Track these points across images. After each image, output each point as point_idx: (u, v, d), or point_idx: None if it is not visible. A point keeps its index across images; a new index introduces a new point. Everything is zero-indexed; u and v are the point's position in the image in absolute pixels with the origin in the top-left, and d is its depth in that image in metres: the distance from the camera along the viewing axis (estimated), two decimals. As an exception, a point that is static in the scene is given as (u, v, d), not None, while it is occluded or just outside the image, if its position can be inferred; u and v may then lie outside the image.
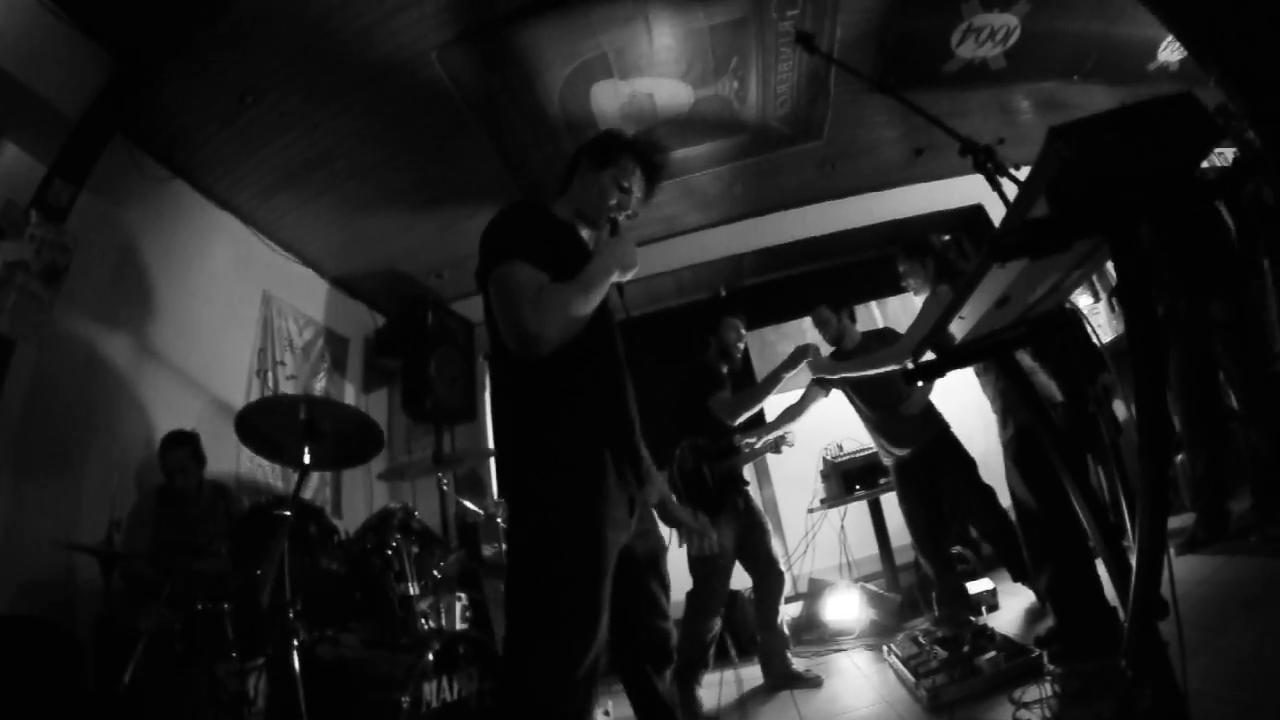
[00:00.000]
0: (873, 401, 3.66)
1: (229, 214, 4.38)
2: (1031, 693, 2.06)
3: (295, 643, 2.14)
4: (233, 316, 4.41)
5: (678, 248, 5.55)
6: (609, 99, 3.99)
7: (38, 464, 3.11)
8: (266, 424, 2.40)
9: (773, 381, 3.40)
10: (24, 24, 3.01)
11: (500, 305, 1.59)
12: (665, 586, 2.03)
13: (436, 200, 4.56)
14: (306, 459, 2.34)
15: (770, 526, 3.57)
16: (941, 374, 1.54)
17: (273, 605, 2.21)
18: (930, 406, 3.62)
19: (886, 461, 3.78)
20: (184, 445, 3.38)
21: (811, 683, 3.22)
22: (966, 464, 3.54)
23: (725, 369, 3.61)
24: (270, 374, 4.54)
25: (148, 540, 3.20)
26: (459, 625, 3.39)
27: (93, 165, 3.40)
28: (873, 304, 4.96)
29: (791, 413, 3.81)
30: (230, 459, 3.98)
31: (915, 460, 3.58)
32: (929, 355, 1.79)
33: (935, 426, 3.61)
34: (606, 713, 3.37)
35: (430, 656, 2.23)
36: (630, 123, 4.10)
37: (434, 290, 5.49)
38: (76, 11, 3.15)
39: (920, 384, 3.49)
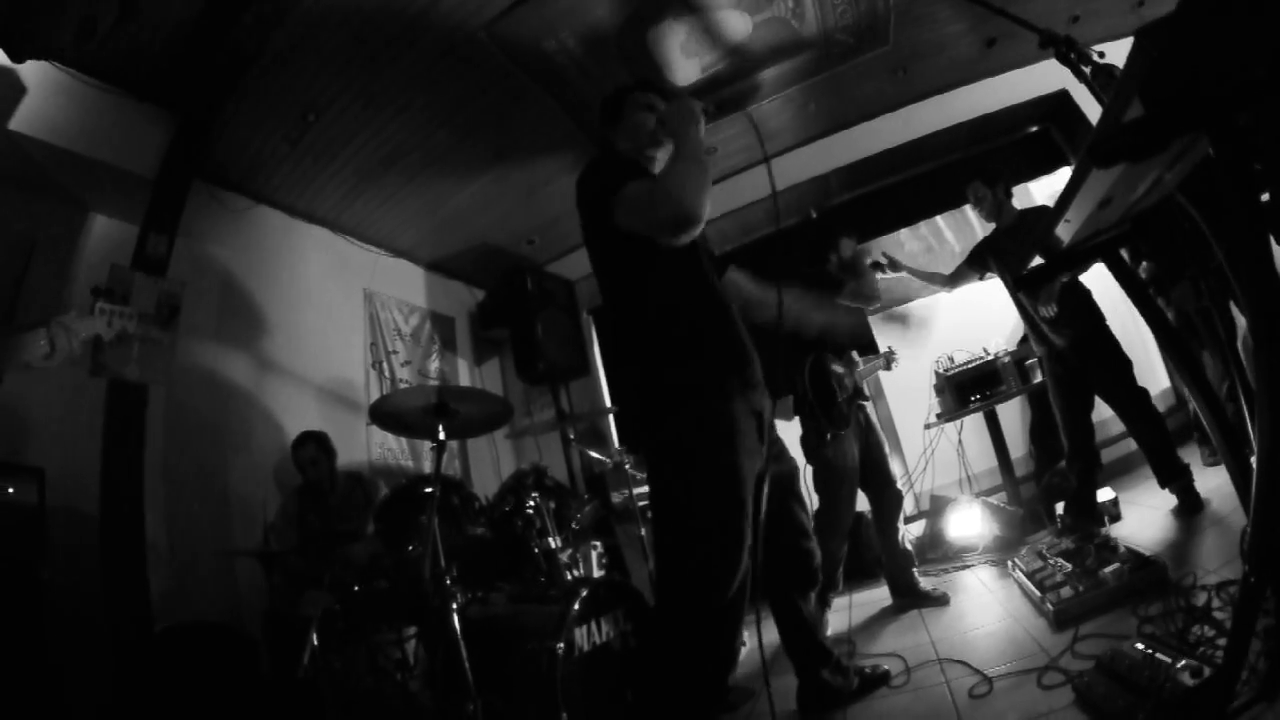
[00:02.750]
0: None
1: (316, 225, 4.62)
2: (1156, 606, 2.00)
3: (454, 606, 2.26)
4: (339, 319, 4.66)
5: (762, 176, 5.34)
6: (667, 39, 3.90)
7: (187, 487, 3.43)
8: (401, 410, 2.52)
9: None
10: (81, 107, 3.24)
11: (641, 215, 1.71)
12: (804, 507, 2.14)
13: (515, 169, 4.59)
14: (441, 435, 2.47)
15: (887, 444, 3.56)
16: (1051, 279, 1.52)
17: (430, 575, 2.35)
18: (1089, 299, 3.45)
19: (1039, 351, 3.66)
20: (310, 442, 3.62)
21: (938, 601, 3.21)
22: (1121, 363, 3.36)
23: (843, 282, 3.55)
24: (385, 364, 4.80)
25: (295, 536, 3.45)
26: (596, 572, 3.58)
27: (179, 214, 3.63)
28: (967, 208, 4.72)
29: (926, 276, 3.79)
30: (361, 449, 4.28)
31: (1070, 352, 3.43)
32: (1038, 261, 1.77)
33: (1092, 320, 3.43)
34: (743, 643, 3.44)
35: (577, 605, 2.31)
36: (692, 58, 4.03)
37: (528, 257, 5.60)
38: (127, 83, 3.37)
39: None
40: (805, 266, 3.63)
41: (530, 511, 2.89)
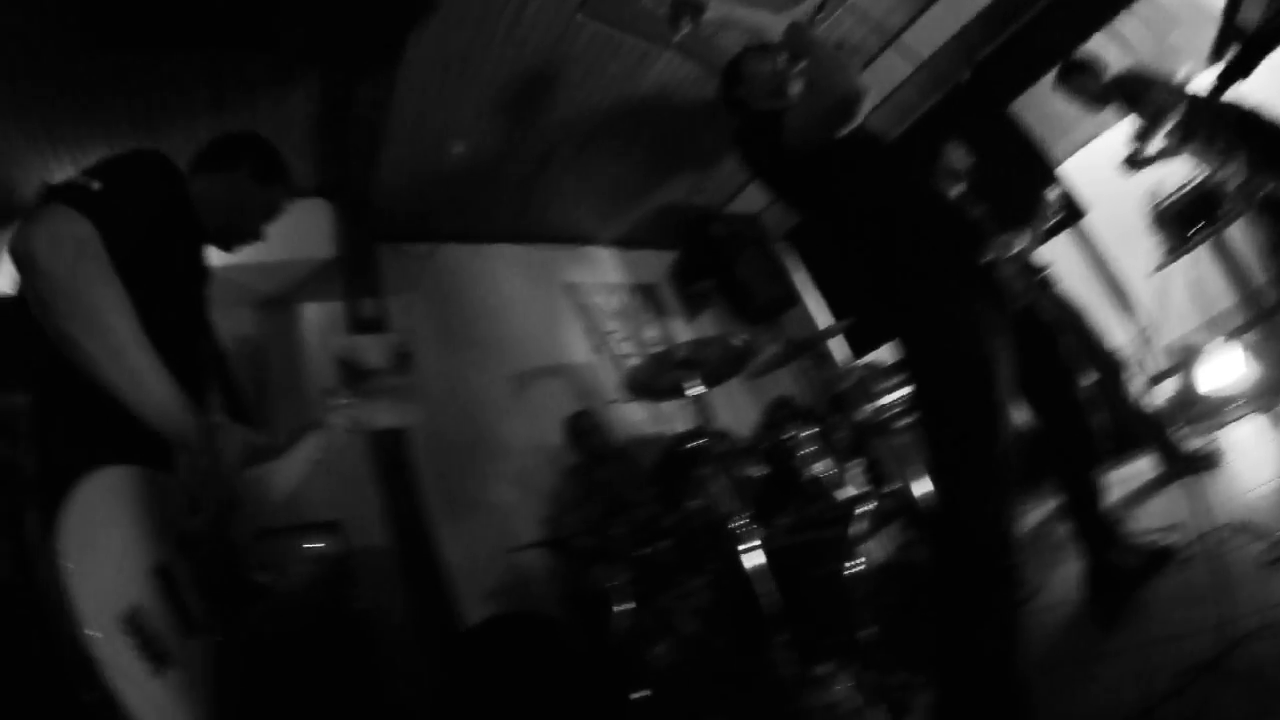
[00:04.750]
0: None
1: (498, 244, 5.00)
2: None
3: (748, 547, 2.35)
4: (551, 317, 5.04)
5: (895, 60, 4.90)
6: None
7: (463, 501, 3.91)
8: (649, 379, 2.74)
9: None
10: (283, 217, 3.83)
11: (810, 116, 1.77)
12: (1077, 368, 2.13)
13: (662, 127, 4.63)
14: (693, 390, 2.61)
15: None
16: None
17: (720, 521, 2.48)
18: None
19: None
20: (582, 416, 4.09)
21: (1206, 463, 2.93)
22: None
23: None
24: (606, 345, 5.12)
25: (576, 518, 3.78)
26: (863, 489, 3.77)
27: (377, 278, 4.13)
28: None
29: None
30: (613, 432, 4.55)
31: None
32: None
33: None
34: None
35: (857, 523, 2.36)
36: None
37: (702, 206, 5.64)
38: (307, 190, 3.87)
39: None
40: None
41: (793, 443, 2.97)
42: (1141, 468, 3.36)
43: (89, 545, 0.85)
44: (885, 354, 4.27)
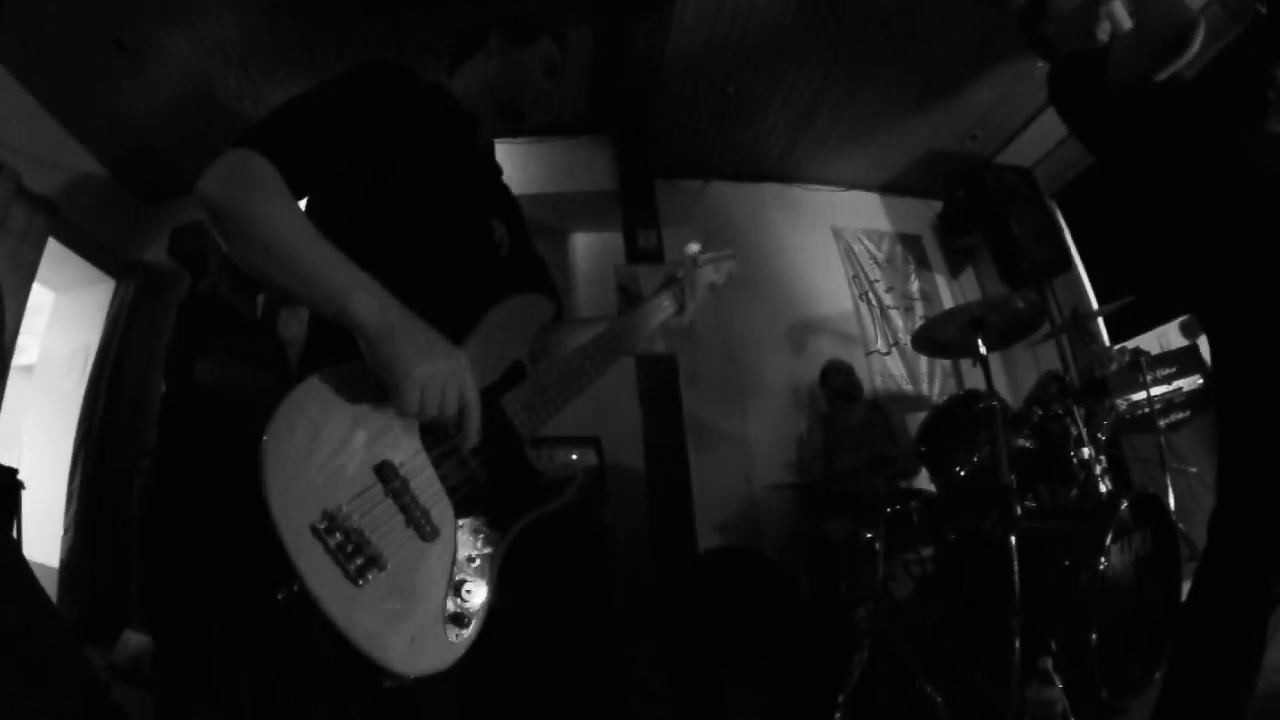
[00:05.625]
0: None
1: (767, 184, 5.04)
2: None
3: (1010, 522, 2.19)
4: (817, 261, 5.04)
5: None
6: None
7: (711, 435, 4.12)
8: (940, 334, 2.68)
9: None
10: (538, 160, 4.18)
11: (1139, 46, 1.63)
12: None
13: (933, 69, 4.39)
14: (982, 349, 2.49)
15: None
16: None
17: (994, 488, 2.32)
18: None
19: None
20: (833, 369, 4.08)
21: None
22: None
23: None
24: (870, 294, 5.06)
25: (822, 467, 3.86)
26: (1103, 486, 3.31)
27: (654, 210, 4.37)
28: None
29: None
30: (865, 379, 4.44)
31: None
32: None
33: None
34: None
35: (1114, 521, 2.17)
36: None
37: (974, 154, 5.24)
38: (563, 129, 4.18)
39: None
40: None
41: (1065, 420, 2.79)
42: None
43: (287, 448, 0.86)
44: (1152, 340, 4.00)
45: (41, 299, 4.25)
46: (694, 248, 1.60)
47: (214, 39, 3.53)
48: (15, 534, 2.37)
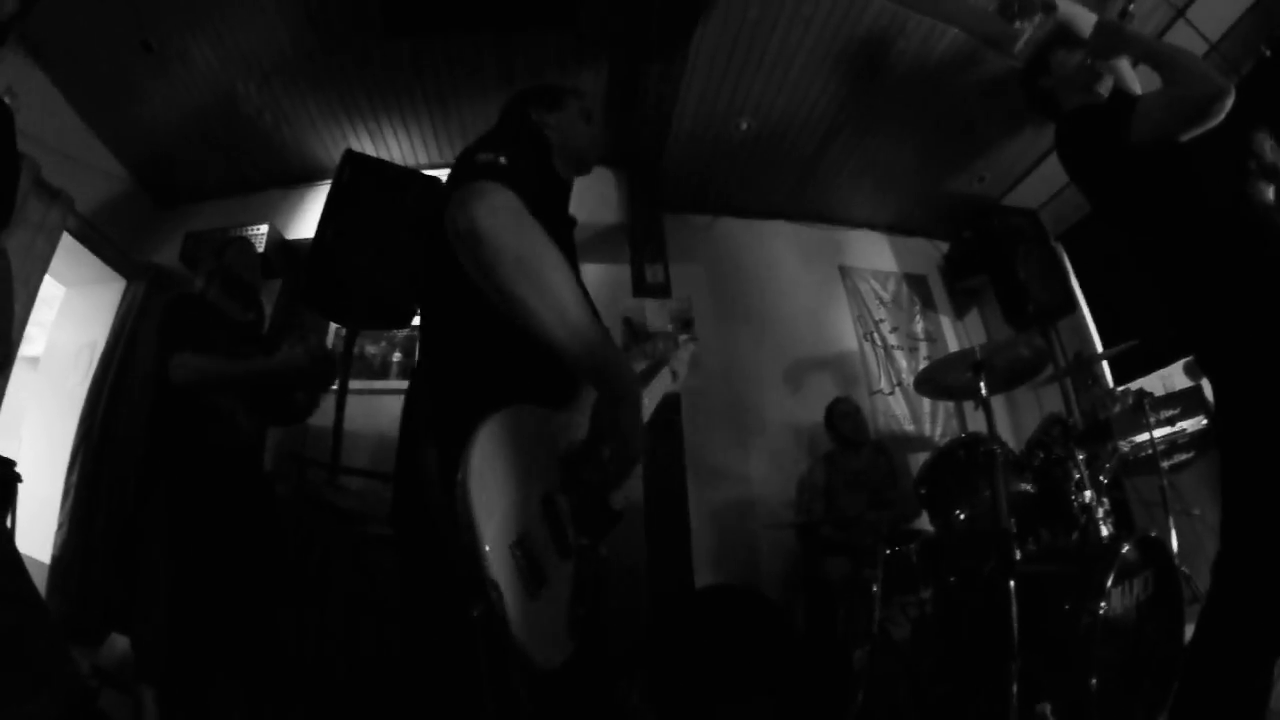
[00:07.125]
0: None
1: (774, 220, 5.06)
2: None
3: (1009, 566, 2.18)
4: (823, 299, 5.03)
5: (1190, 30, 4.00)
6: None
7: (710, 468, 4.09)
8: (943, 377, 2.73)
9: None
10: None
11: (1171, 108, 1.66)
12: None
13: (945, 111, 4.42)
14: (984, 393, 2.51)
15: None
16: None
17: (994, 532, 2.31)
18: None
19: None
20: (836, 408, 4.04)
21: None
22: None
23: None
24: (875, 334, 5.04)
25: (822, 506, 3.77)
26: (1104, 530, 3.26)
27: (662, 245, 4.40)
28: None
29: None
30: (868, 419, 4.41)
31: None
32: None
33: None
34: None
35: (1115, 565, 2.13)
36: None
37: (981, 195, 5.25)
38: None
39: None
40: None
41: (1068, 464, 2.74)
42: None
43: (489, 477, 0.98)
44: (1155, 382, 3.99)
45: (52, 292, 4.27)
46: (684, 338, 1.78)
47: (239, 48, 3.61)
48: (9, 526, 2.38)
